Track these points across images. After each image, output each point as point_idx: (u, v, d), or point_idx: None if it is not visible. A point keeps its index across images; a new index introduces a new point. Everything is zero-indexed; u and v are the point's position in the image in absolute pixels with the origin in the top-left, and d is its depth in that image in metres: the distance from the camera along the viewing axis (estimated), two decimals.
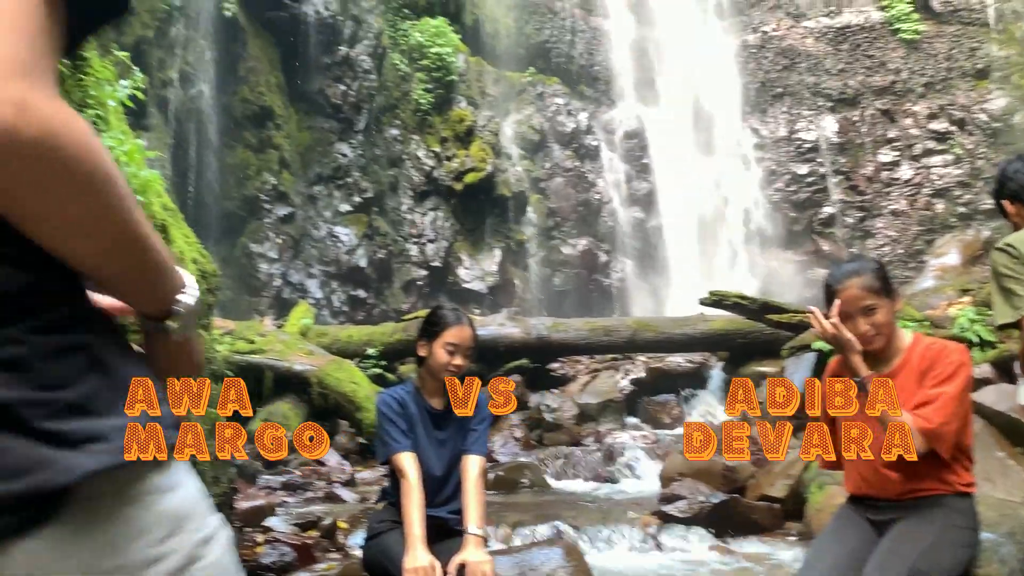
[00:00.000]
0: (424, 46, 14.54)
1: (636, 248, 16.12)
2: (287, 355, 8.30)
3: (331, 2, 13.56)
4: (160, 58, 11.96)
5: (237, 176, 12.94)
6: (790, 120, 16.77)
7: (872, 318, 2.51)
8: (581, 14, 17.09)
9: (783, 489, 5.42)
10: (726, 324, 9.11)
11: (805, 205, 16.29)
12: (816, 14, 16.80)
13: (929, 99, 16.05)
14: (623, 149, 16.74)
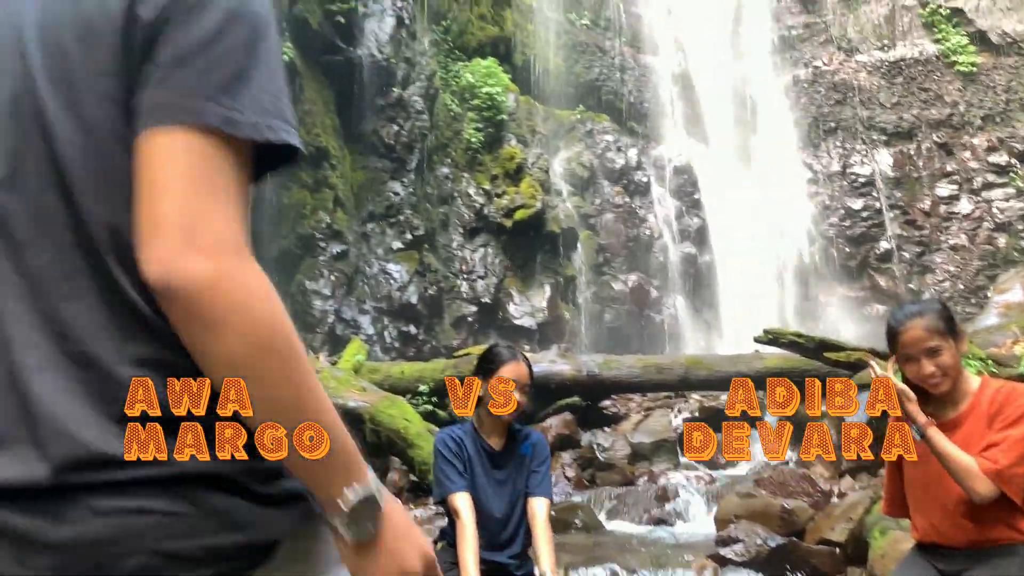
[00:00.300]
0: (475, 86, 14.77)
1: (687, 284, 16.00)
2: (341, 391, 8.38)
3: (385, 45, 13.89)
4: None
5: (293, 215, 13.23)
6: (843, 154, 16.58)
7: (937, 359, 2.46)
8: (630, 52, 17.21)
9: (843, 533, 5.28)
10: (782, 362, 8.95)
11: (860, 240, 16.03)
12: (869, 48, 16.66)
13: (988, 131, 15.74)
14: (673, 185, 16.70)
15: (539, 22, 16.01)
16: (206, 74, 0.89)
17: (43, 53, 0.93)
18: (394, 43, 13.99)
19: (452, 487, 2.91)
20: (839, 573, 5.07)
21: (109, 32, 0.90)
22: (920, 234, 15.75)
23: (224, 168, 0.90)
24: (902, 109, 16.31)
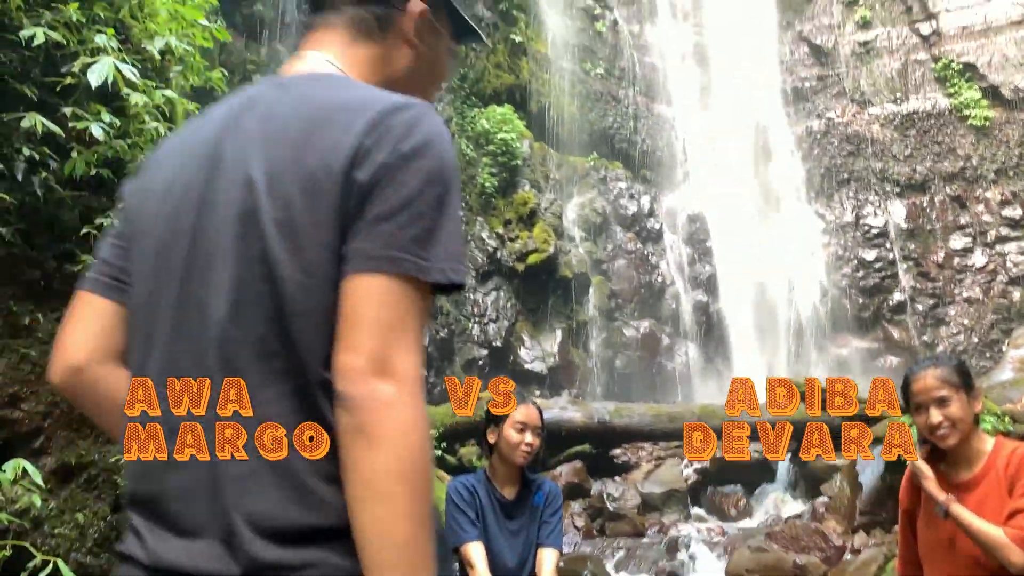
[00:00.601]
0: (490, 132, 14.94)
1: (699, 332, 15.95)
2: None
3: None
4: None
5: None
6: (857, 205, 16.61)
7: (946, 410, 2.44)
8: (644, 101, 17.39)
9: None
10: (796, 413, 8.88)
11: (874, 291, 15.97)
12: (882, 101, 16.78)
13: (1001, 185, 15.75)
14: (686, 232, 16.75)
15: (554, 71, 16.23)
16: (405, 229, 1.05)
17: (269, 197, 1.08)
18: None
19: (465, 537, 2.88)
20: None
21: (330, 190, 1.06)
22: (934, 286, 15.69)
23: (411, 307, 1.06)
24: (915, 161, 16.36)
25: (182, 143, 1.26)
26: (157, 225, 1.20)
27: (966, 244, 15.70)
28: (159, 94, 2.78)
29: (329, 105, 1.13)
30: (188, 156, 1.21)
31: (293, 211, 1.06)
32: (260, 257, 1.07)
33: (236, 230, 1.09)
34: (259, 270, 1.07)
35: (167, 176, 1.22)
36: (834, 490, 7.44)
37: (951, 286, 15.61)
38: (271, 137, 1.12)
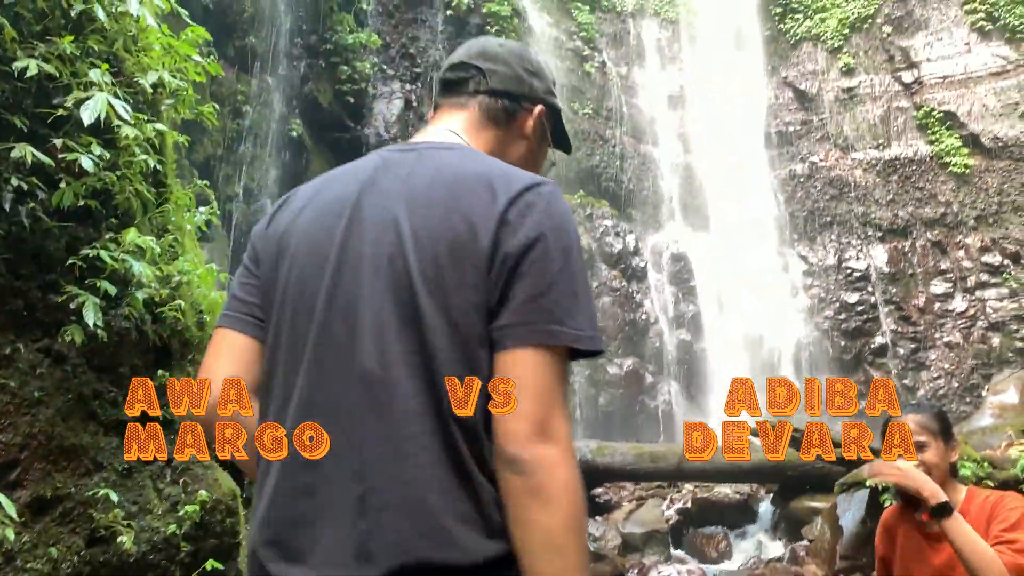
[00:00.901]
0: None
1: (682, 371, 15.98)
2: None
3: (392, 125, 14.20)
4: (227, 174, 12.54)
5: None
6: (839, 248, 16.79)
7: (922, 455, 2.45)
8: (631, 141, 17.60)
9: None
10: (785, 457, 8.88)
11: (855, 334, 16.09)
12: (865, 146, 17.05)
13: (981, 232, 15.98)
14: (670, 271, 16.85)
15: None
16: (558, 305, 1.18)
17: (417, 253, 1.20)
18: (401, 123, 14.30)
19: None
20: None
21: (478, 255, 1.19)
22: (915, 330, 15.82)
23: (561, 373, 1.19)
24: (897, 207, 16.59)
25: (317, 195, 1.38)
26: (295, 270, 1.31)
27: (947, 289, 15.87)
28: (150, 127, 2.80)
29: (469, 173, 1.27)
30: (325, 208, 1.33)
31: (441, 269, 1.19)
32: (409, 307, 1.19)
33: (384, 281, 1.22)
34: (407, 319, 1.19)
35: (305, 225, 1.34)
36: (815, 533, 7.43)
37: (932, 331, 15.74)
38: (415, 198, 1.25)
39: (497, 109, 1.47)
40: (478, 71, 1.47)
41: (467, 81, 1.48)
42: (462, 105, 1.46)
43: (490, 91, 1.46)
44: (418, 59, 14.71)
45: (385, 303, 1.21)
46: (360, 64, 13.47)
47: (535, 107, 1.51)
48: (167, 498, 2.67)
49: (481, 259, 1.19)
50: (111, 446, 2.62)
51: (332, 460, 1.20)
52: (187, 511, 2.63)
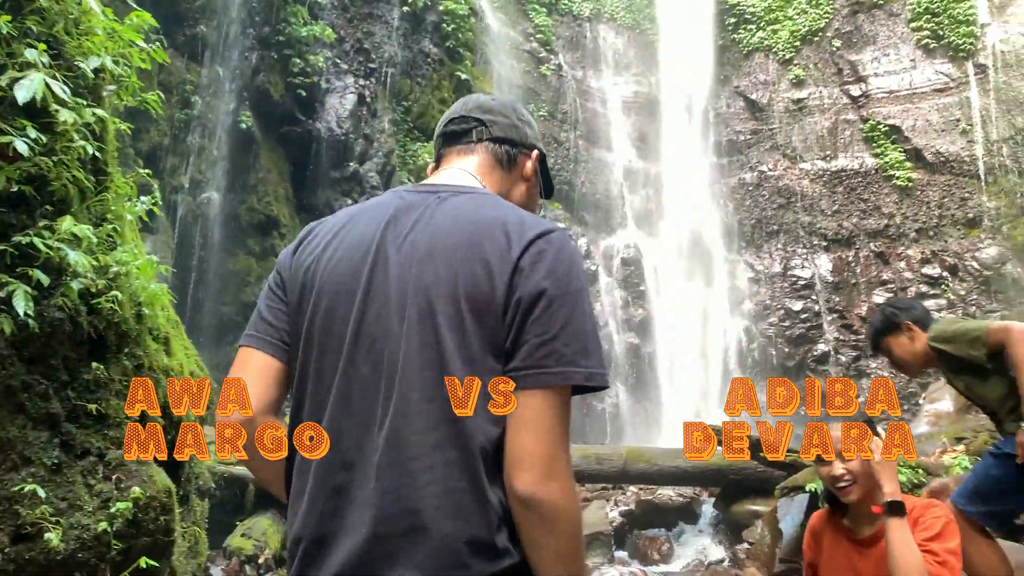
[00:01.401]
0: None
1: (630, 374, 16.10)
2: None
3: (344, 120, 14.06)
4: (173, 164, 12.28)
5: (237, 282, 13.05)
6: (785, 256, 17.09)
7: (848, 464, 2.49)
8: (585, 145, 17.69)
9: None
10: (719, 459, 8.98)
11: (799, 341, 16.39)
12: (812, 157, 17.39)
13: (922, 244, 16.41)
14: (620, 275, 16.97)
15: None
16: (570, 346, 1.31)
17: (440, 299, 1.33)
18: (354, 119, 14.17)
19: None
20: None
21: (495, 301, 1.31)
22: (856, 338, 16.18)
23: (567, 412, 1.33)
24: (842, 217, 16.95)
25: (342, 230, 1.50)
26: (323, 305, 1.43)
27: (888, 299, 16.26)
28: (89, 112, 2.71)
29: (487, 219, 1.39)
30: (352, 246, 1.45)
31: (460, 311, 1.32)
32: (431, 347, 1.32)
33: (408, 321, 1.34)
34: (429, 359, 1.32)
35: (332, 262, 1.46)
36: (755, 536, 7.53)
37: None
38: (436, 241, 1.38)
39: (501, 153, 1.63)
40: (479, 122, 1.64)
41: (471, 131, 1.63)
42: (470, 151, 1.62)
43: (493, 138, 1.63)
44: (372, 54, 14.59)
45: (408, 342, 1.34)
46: (313, 57, 13.30)
47: (532, 152, 1.68)
48: (98, 495, 2.59)
49: (498, 304, 1.31)
50: (40, 440, 2.53)
51: (356, 484, 1.34)
52: (119, 508, 2.55)
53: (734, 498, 8.90)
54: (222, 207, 13.13)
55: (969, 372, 3.30)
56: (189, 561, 3.51)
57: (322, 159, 13.99)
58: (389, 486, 1.30)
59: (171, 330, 3.36)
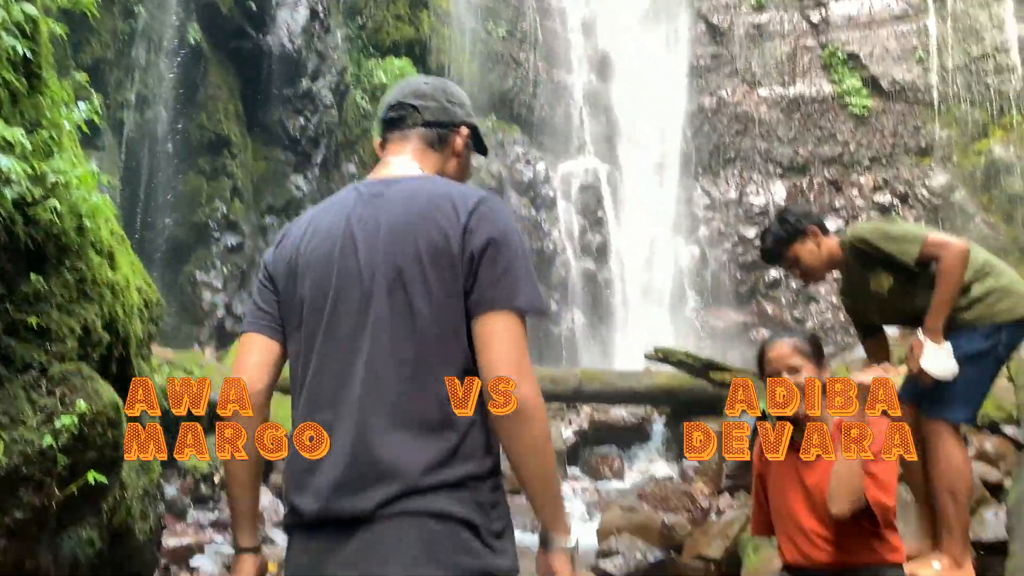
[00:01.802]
0: (387, 85, 14.62)
1: (586, 300, 16.24)
2: None
3: (296, 36, 13.59)
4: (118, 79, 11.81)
5: (187, 202, 12.74)
6: (740, 183, 17.19)
7: (796, 378, 2.55)
8: (544, 67, 17.38)
9: (719, 550, 5.42)
10: (670, 380, 9.18)
11: (752, 267, 16.62)
12: (771, 83, 17.35)
13: (874, 172, 16.62)
14: (579, 201, 16.94)
15: (456, 28, 16.00)
16: (515, 283, 1.61)
17: (405, 259, 1.62)
18: (306, 35, 13.71)
19: None
20: None
21: (450, 255, 1.60)
22: None
23: (523, 332, 1.60)
24: (798, 144, 17.04)
25: (312, 224, 1.81)
26: (309, 287, 1.72)
27: (839, 226, 16.49)
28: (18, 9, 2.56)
29: (434, 195, 1.69)
30: (324, 235, 1.74)
31: (424, 268, 1.60)
32: (401, 301, 1.61)
33: (379, 285, 1.62)
34: (403, 309, 1.60)
35: (310, 250, 1.75)
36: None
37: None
38: (395, 219, 1.66)
39: (432, 137, 1.88)
40: (413, 108, 1.89)
41: (405, 118, 1.89)
42: (406, 138, 1.89)
43: (425, 123, 1.88)
44: None
45: (379, 301, 1.62)
46: None
47: (461, 129, 1.92)
48: (42, 409, 2.53)
49: (455, 259, 1.60)
50: None
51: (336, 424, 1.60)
52: (64, 423, 2.50)
53: (684, 417, 9.12)
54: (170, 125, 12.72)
55: (899, 272, 3.33)
56: (141, 477, 3.49)
57: (274, 76, 13.56)
58: (363, 422, 1.56)
59: (116, 244, 3.26)
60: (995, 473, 5.46)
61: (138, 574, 3.80)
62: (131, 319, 3.26)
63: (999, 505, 5.06)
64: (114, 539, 3.24)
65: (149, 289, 3.73)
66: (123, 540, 3.36)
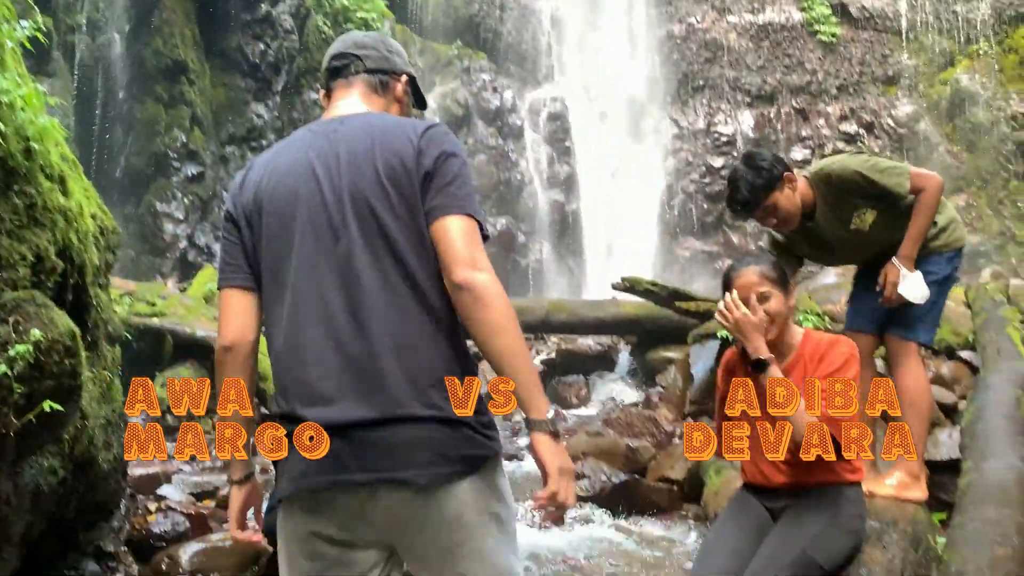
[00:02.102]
0: (349, 10, 14.20)
1: (554, 230, 16.21)
2: (189, 320, 8.03)
3: None
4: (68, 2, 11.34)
5: (146, 131, 12.40)
6: (709, 113, 17.10)
7: (767, 305, 2.57)
8: None
9: (682, 471, 5.55)
10: (636, 309, 9.26)
11: (718, 197, 16.64)
12: (741, 10, 17.12)
13: (841, 101, 16.60)
14: (547, 131, 16.76)
15: None
16: (461, 191, 1.77)
17: (365, 182, 1.77)
18: None
19: None
20: (676, 509, 5.34)
21: (406, 171, 1.76)
22: None
23: (476, 233, 1.75)
24: (766, 72, 16.92)
25: (272, 162, 1.90)
26: (272, 220, 1.83)
27: (805, 156, 16.55)
28: None
29: (386, 125, 1.85)
30: (285, 171, 1.85)
31: (386, 190, 1.75)
32: (368, 216, 1.75)
33: (346, 211, 1.76)
34: (373, 230, 1.74)
35: (272, 186, 1.86)
36: (668, 381, 7.89)
37: None
38: (354, 150, 1.80)
39: (375, 82, 2.01)
40: (356, 57, 2.01)
41: (348, 66, 2.01)
42: (351, 84, 2.00)
43: (368, 70, 2.01)
44: None
45: (348, 226, 1.75)
46: None
47: (402, 77, 2.06)
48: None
49: (412, 176, 1.76)
50: None
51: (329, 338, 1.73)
52: (19, 351, 2.45)
53: (649, 346, 9.25)
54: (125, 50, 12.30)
55: (885, 206, 3.35)
56: (102, 407, 3.45)
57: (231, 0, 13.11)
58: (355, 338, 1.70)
59: (67, 169, 3.15)
60: (951, 396, 5.63)
61: (103, 503, 3.80)
62: (86, 246, 3.18)
63: (953, 427, 5.22)
64: (77, 468, 3.22)
65: (104, 216, 3.63)
66: (86, 469, 3.34)
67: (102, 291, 3.55)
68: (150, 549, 3.99)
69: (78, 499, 3.42)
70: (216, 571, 3.81)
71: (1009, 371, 4.99)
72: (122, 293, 8.08)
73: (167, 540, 4.04)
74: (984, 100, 15.40)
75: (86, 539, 3.74)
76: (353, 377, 1.68)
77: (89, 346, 3.21)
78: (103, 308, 3.47)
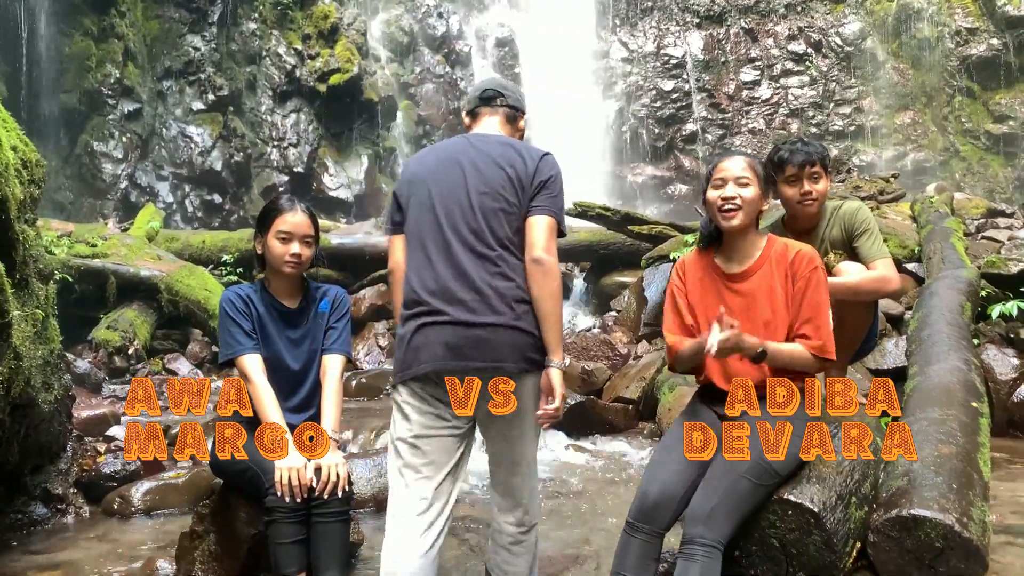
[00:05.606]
0: None
1: None
2: (132, 260, 7.81)
3: None
4: None
5: (76, 67, 11.87)
6: (658, 35, 16.89)
7: (742, 190, 2.57)
8: None
9: (637, 391, 5.62)
10: (589, 235, 9.25)
11: (669, 121, 16.59)
12: None
13: (790, 20, 16.50)
14: (495, 57, 16.44)
15: None
16: (556, 201, 2.52)
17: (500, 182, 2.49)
18: None
19: (239, 349, 2.76)
20: (632, 427, 5.41)
21: (526, 182, 2.50)
22: (723, 117, 16.52)
23: (554, 231, 2.48)
24: None
25: (433, 156, 2.63)
26: (431, 189, 2.54)
27: (755, 77, 16.51)
28: None
29: (517, 147, 2.57)
30: (440, 164, 2.58)
31: (511, 188, 2.47)
32: (494, 207, 2.46)
33: (479, 197, 2.46)
34: (502, 211, 2.45)
35: (431, 168, 2.59)
36: (622, 305, 7.92)
37: (739, 117, 16.49)
38: (492, 158, 2.52)
39: (511, 114, 2.76)
40: (501, 95, 2.77)
41: (495, 99, 2.76)
42: (495, 112, 2.74)
43: (508, 105, 2.76)
44: None
45: (478, 209, 2.45)
46: None
47: (523, 115, 2.81)
48: None
49: (528, 184, 2.48)
50: None
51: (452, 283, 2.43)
52: None
53: (603, 271, 9.27)
54: None
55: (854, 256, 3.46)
56: (38, 347, 3.33)
57: None
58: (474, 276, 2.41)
59: None
60: (898, 307, 5.73)
61: (48, 445, 3.71)
62: (7, 180, 3.02)
63: (900, 336, 5.34)
64: (15, 410, 3.13)
65: (27, 148, 3.45)
66: (26, 411, 3.24)
67: (29, 227, 3.40)
68: (101, 489, 3.93)
69: (20, 442, 3.33)
70: (168, 507, 3.77)
71: (953, 278, 5.09)
72: (60, 235, 7.82)
73: (118, 480, 3.98)
74: (929, 15, 15.42)
75: (33, 482, 3.66)
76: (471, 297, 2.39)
77: (17, 284, 3.08)
78: (31, 244, 3.33)
